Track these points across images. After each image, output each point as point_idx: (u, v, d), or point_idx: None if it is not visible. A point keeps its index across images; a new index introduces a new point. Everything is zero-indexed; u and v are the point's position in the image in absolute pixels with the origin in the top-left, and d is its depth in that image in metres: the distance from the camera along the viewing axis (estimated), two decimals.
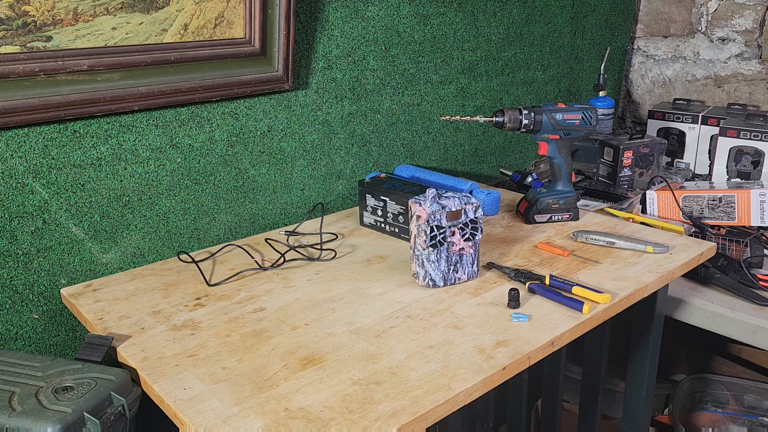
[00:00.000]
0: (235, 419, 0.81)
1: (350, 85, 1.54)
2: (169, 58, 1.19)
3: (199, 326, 1.04)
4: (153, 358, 0.95)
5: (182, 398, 0.85)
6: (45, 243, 1.16)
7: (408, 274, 1.21)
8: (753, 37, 2.16)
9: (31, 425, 0.79)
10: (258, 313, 1.08)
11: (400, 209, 1.37)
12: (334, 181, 1.58)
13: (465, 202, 1.13)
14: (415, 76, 1.68)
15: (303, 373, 0.90)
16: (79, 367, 0.90)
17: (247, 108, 1.37)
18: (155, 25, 1.17)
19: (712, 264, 1.49)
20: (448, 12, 1.70)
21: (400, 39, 1.61)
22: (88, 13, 1.09)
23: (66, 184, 1.16)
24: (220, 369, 0.92)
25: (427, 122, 1.75)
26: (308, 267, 1.26)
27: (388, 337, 0.99)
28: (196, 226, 1.36)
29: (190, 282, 1.19)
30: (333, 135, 1.54)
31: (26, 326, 1.17)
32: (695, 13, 2.26)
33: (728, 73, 2.24)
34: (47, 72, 1.06)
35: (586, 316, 1.05)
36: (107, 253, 1.24)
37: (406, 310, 1.08)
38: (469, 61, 1.80)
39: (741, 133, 1.87)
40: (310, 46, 1.43)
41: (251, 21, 1.27)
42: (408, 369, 0.91)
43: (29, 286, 1.16)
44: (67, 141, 1.15)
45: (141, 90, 1.17)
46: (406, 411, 0.82)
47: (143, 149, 1.24)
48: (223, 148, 1.36)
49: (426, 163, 1.79)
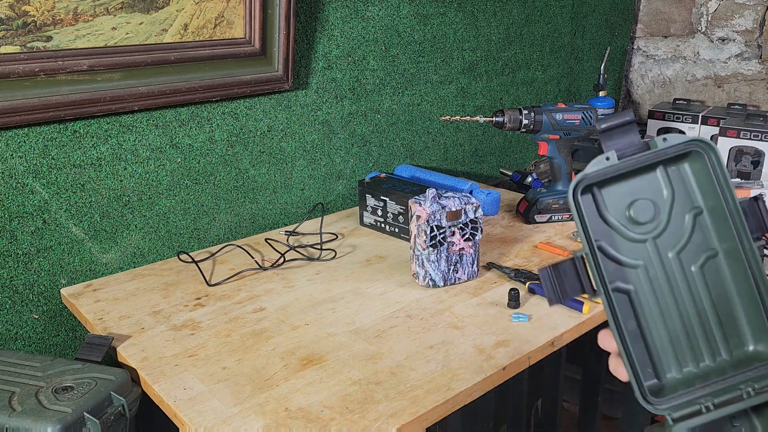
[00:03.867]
0: (235, 419, 0.81)
1: (350, 85, 1.54)
2: (169, 58, 1.19)
3: (199, 326, 1.04)
4: (153, 358, 0.95)
5: (182, 398, 0.85)
6: (45, 243, 1.16)
7: (408, 274, 1.21)
8: (753, 37, 2.16)
9: (31, 425, 0.79)
10: (258, 313, 1.08)
11: (400, 209, 1.37)
12: (334, 181, 1.58)
13: (465, 202, 1.13)
14: (415, 76, 1.67)
15: (303, 373, 0.90)
16: (79, 367, 0.90)
17: (247, 108, 1.37)
18: (155, 25, 1.17)
19: None
20: (448, 12, 1.70)
21: (400, 39, 1.61)
22: (88, 13, 1.09)
23: (66, 184, 1.16)
24: (220, 369, 0.92)
25: (427, 122, 1.75)
26: (308, 267, 1.25)
27: (388, 337, 0.99)
28: (196, 226, 1.36)
29: (190, 282, 1.19)
30: (333, 135, 1.54)
31: (26, 326, 1.17)
32: (695, 13, 2.26)
33: (728, 73, 2.24)
34: (47, 72, 1.06)
35: (586, 316, 1.05)
36: (107, 253, 1.24)
37: (406, 310, 1.08)
38: (469, 61, 1.80)
39: (741, 133, 1.87)
40: (310, 46, 1.43)
41: (251, 21, 1.27)
42: (408, 369, 0.91)
43: (29, 286, 1.16)
44: (67, 141, 1.15)
45: (141, 90, 1.17)
46: (406, 411, 0.82)
47: (143, 149, 1.24)
48: (223, 148, 1.35)
49: (426, 163, 1.79)
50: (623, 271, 0.55)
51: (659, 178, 0.54)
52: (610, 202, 0.55)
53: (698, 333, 0.55)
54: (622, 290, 0.55)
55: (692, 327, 0.55)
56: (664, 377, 0.55)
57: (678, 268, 0.55)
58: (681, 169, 0.54)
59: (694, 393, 0.53)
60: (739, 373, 0.52)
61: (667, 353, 0.55)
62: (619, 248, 0.55)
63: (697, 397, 0.53)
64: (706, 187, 0.54)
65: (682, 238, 0.55)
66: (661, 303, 0.56)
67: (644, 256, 0.55)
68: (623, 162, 0.52)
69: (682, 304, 0.55)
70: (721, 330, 0.55)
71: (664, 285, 0.55)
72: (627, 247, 0.55)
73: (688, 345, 0.55)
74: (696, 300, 0.55)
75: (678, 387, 0.54)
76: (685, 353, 0.55)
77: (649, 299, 0.56)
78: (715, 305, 0.55)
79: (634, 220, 0.55)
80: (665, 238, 0.55)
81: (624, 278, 0.55)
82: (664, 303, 0.56)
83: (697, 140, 0.52)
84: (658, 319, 0.56)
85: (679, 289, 0.55)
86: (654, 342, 0.55)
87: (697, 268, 0.55)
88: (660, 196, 0.55)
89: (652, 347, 0.56)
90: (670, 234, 0.55)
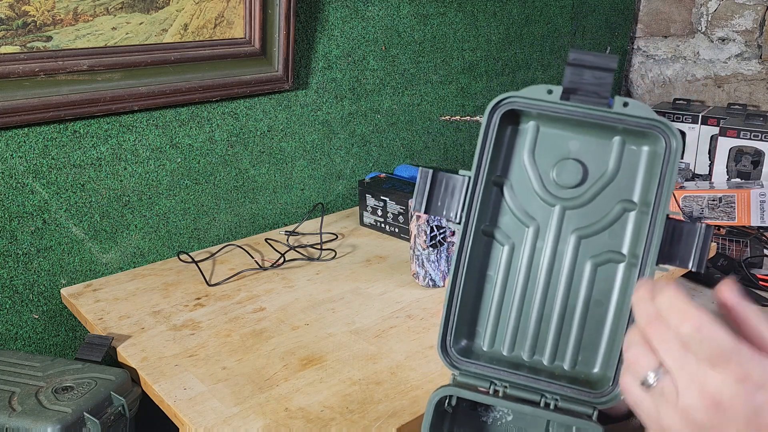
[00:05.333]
0: (235, 419, 0.81)
1: (350, 85, 1.54)
2: (169, 58, 1.19)
3: (199, 326, 1.04)
4: (153, 358, 0.95)
5: (182, 398, 0.85)
6: (45, 243, 1.16)
7: (408, 274, 1.21)
8: (753, 37, 2.16)
9: (31, 425, 0.79)
10: (258, 313, 1.08)
11: (400, 209, 1.37)
12: (334, 181, 1.58)
13: None
14: (415, 76, 1.67)
15: (303, 373, 0.90)
16: (79, 367, 0.90)
17: (247, 108, 1.37)
18: (155, 25, 1.17)
19: (712, 264, 1.49)
20: (448, 12, 1.70)
21: (400, 39, 1.61)
22: (88, 13, 1.09)
23: (66, 184, 1.16)
24: (220, 369, 0.92)
25: (427, 122, 1.75)
26: (308, 267, 1.25)
27: (388, 337, 0.99)
28: (196, 226, 1.35)
29: (190, 282, 1.19)
30: (333, 135, 1.54)
31: (26, 326, 1.17)
32: (695, 13, 2.26)
33: (728, 73, 2.24)
34: (47, 72, 1.06)
35: None
36: (107, 253, 1.24)
37: (406, 310, 1.08)
38: (469, 61, 1.80)
39: (741, 133, 1.87)
40: (310, 46, 1.43)
41: (251, 21, 1.27)
42: (408, 369, 0.91)
43: (29, 286, 1.16)
44: (67, 141, 1.15)
45: (141, 90, 1.17)
46: (406, 411, 0.82)
47: (143, 149, 1.24)
48: (223, 148, 1.35)
49: (426, 163, 1.79)
50: (513, 222, 0.48)
51: (613, 149, 0.46)
52: (542, 145, 0.47)
53: (552, 328, 0.48)
54: (497, 239, 0.48)
55: (549, 319, 0.48)
56: (479, 345, 0.49)
57: (572, 251, 0.47)
58: (638, 151, 0.46)
59: (497, 372, 0.46)
60: (561, 385, 0.46)
61: (503, 326, 0.48)
62: (522, 196, 0.48)
63: (497, 377, 0.46)
64: (649, 180, 0.46)
65: (594, 224, 0.47)
66: (532, 277, 0.48)
67: (543, 219, 0.47)
68: (566, 105, 0.44)
69: (553, 291, 0.48)
70: (578, 338, 0.47)
71: (547, 260, 0.48)
72: (530, 199, 0.48)
73: (534, 334, 0.48)
74: (570, 294, 0.47)
75: (486, 360, 0.48)
76: (524, 339, 0.48)
77: (521, 266, 0.48)
78: (587, 310, 0.47)
79: (556, 177, 0.47)
80: (577, 213, 0.47)
81: (510, 229, 0.48)
82: (534, 278, 0.48)
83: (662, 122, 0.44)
84: (518, 291, 0.48)
85: (559, 274, 0.47)
86: (493, 307, 0.48)
87: (592, 263, 0.47)
88: (600, 168, 0.46)
89: (488, 311, 0.48)
90: (585, 213, 0.47)
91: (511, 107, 0.46)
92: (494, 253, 0.48)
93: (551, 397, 0.45)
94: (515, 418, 0.50)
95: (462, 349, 0.48)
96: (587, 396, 0.45)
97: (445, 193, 0.46)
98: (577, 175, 0.46)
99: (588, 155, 0.47)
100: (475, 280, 0.48)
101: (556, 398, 0.45)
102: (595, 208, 0.47)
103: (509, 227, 0.48)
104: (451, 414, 0.50)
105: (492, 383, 0.46)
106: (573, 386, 0.45)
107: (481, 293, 0.49)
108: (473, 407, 0.51)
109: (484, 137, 0.46)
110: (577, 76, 0.44)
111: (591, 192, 0.47)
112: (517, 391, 0.46)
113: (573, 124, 0.46)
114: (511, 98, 0.45)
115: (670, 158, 0.43)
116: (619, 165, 0.46)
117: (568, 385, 0.45)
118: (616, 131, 0.46)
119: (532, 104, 0.45)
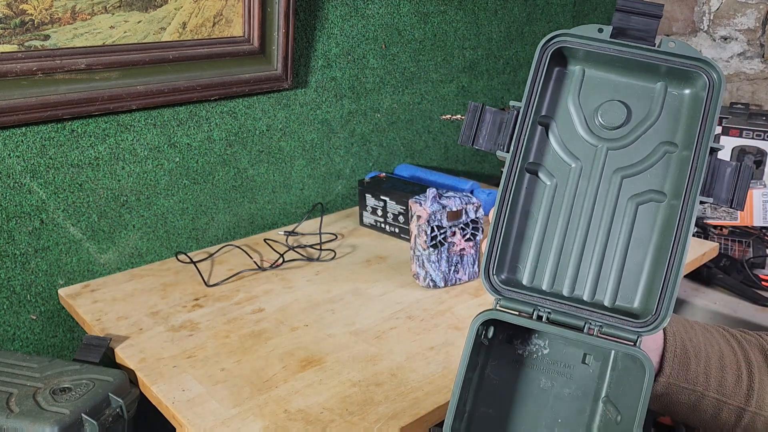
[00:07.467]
0: (234, 421, 0.80)
1: (350, 84, 1.53)
2: (168, 57, 1.18)
3: (198, 327, 1.03)
4: (151, 359, 0.94)
5: (181, 399, 0.85)
6: (42, 243, 1.15)
7: (408, 275, 1.20)
8: (755, 36, 2.15)
9: (29, 426, 0.79)
10: (257, 314, 1.07)
11: (400, 209, 1.36)
12: (333, 180, 1.57)
13: (466, 202, 1.12)
14: (415, 75, 1.67)
15: (302, 375, 0.90)
16: (77, 368, 0.90)
17: (246, 107, 1.36)
18: (153, 23, 1.16)
19: (714, 264, 1.48)
20: (449, 10, 1.69)
21: (401, 37, 1.60)
22: (86, 12, 1.09)
23: (64, 184, 1.16)
24: (219, 370, 0.91)
25: (428, 121, 1.74)
26: (307, 267, 1.25)
27: (388, 338, 0.99)
28: (194, 226, 1.35)
29: (189, 282, 1.19)
30: (332, 134, 1.53)
31: (24, 327, 1.16)
32: (697, 11, 2.26)
33: (730, 72, 2.23)
34: (45, 71, 1.06)
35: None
36: (105, 253, 1.23)
37: (407, 310, 1.07)
38: (469, 59, 1.79)
39: (744, 133, 1.86)
40: (309, 44, 1.43)
41: (250, 19, 1.26)
42: (408, 370, 0.90)
43: (27, 286, 1.15)
44: (64, 140, 1.14)
45: (139, 89, 1.16)
46: (407, 413, 0.81)
47: (141, 148, 1.24)
48: (222, 147, 1.35)
49: (426, 163, 1.78)
50: (556, 161, 0.49)
51: (656, 93, 0.48)
52: (587, 87, 0.48)
53: (593, 264, 0.48)
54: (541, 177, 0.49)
55: (590, 255, 0.48)
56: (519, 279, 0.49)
57: (614, 190, 0.48)
58: (680, 96, 0.48)
59: (540, 300, 0.47)
60: (603, 314, 0.46)
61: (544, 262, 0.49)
62: (566, 136, 0.49)
63: (540, 305, 0.47)
64: (691, 123, 0.47)
65: (637, 164, 0.48)
66: (573, 214, 0.48)
67: (586, 158, 0.48)
68: (615, 44, 0.46)
69: (594, 228, 0.48)
70: (618, 274, 0.48)
71: (589, 198, 0.48)
72: (575, 139, 0.49)
73: (574, 270, 0.49)
74: (611, 232, 0.48)
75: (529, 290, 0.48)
76: (564, 274, 0.49)
77: (564, 203, 0.49)
78: (628, 248, 0.48)
79: (601, 118, 0.48)
80: (620, 154, 0.48)
81: (553, 168, 0.49)
82: (576, 216, 0.48)
83: (706, 60, 0.45)
84: (560, 228, 0.49)
85: (601, 212, 0.48)
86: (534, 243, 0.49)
87: (634, 202, 0.48)
88: (643, 110, 0.48)
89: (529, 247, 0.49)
90: (627, 153, 0.48)
91: (561, 45, 0.47)
92: (538, 191, 0.49)
93: (595, 324, 0.46)
94: (552, 351, 0.50)
95: (503, 281, 0.49)
96: (630, 325, 0.45)
97: (492, 127, 0.48)
98: (621, 115, 0.48)
99: (632, 98, 0.48)
100: (518, 216, 0.49)
101: (600, 324, 0.46)
102: (638, 148, 0.48)
103: (553, 166, 0.49)
104: (487, 347, 0.51)
105: (535, 308, 0.47)
106: (616, 315, 0.46)
107: (523, 230, 0.49)
108: (509, 340, 0.51)
109: (534, 75, 0.47)
110: (624, 21, 0.45)
111: (635, 133, 0.48)
112: (560, 317, 0.46)
113: (618, 68, 0.47)
114: (561, 36, 0.46)
115: (713, 94, 0.45)
116: (662, 108, 0.48)
117: (610, 314, 0.46)
118: (659, 75, 0.47)
119: (582, 43, 0.46)
